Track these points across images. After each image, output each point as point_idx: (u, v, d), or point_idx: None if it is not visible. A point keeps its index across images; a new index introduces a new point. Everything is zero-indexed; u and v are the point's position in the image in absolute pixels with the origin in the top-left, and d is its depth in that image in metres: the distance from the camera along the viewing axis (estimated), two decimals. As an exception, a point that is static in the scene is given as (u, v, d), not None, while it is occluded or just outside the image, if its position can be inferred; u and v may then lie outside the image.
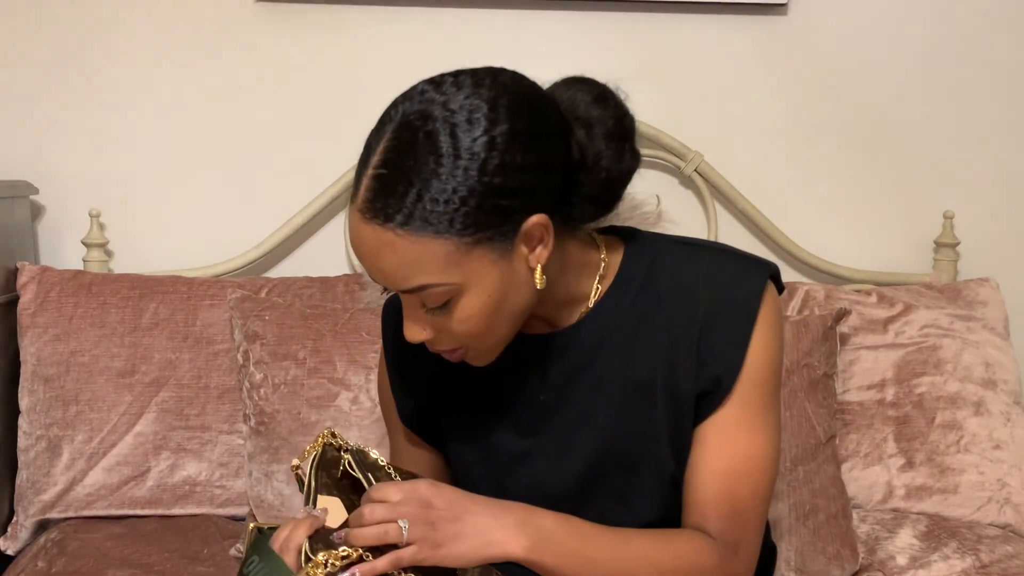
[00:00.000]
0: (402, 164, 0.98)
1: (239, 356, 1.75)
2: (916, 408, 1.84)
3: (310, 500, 1.05)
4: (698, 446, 1.12)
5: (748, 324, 1.10)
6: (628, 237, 1.17)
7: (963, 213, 2.04)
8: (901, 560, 1.68)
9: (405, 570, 1.00)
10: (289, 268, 2.01)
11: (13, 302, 1.80)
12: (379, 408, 1.69)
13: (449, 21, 1.97)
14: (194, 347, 1.79)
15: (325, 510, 1.03)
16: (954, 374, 1.85)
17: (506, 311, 1.04)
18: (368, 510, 1.00)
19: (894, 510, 1.81)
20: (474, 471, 1.20)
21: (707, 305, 1.11)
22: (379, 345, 1.71)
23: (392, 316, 1.24)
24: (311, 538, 1.00)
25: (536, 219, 1.02)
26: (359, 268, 1.94)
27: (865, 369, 1.86)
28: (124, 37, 1.95)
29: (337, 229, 2.00)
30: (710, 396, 1.11)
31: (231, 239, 1.97)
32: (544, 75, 2.05)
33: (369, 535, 0.98)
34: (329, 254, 2.01)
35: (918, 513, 1.80)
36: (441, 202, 0.97)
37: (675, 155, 1.97)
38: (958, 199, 2.05)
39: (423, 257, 0.99)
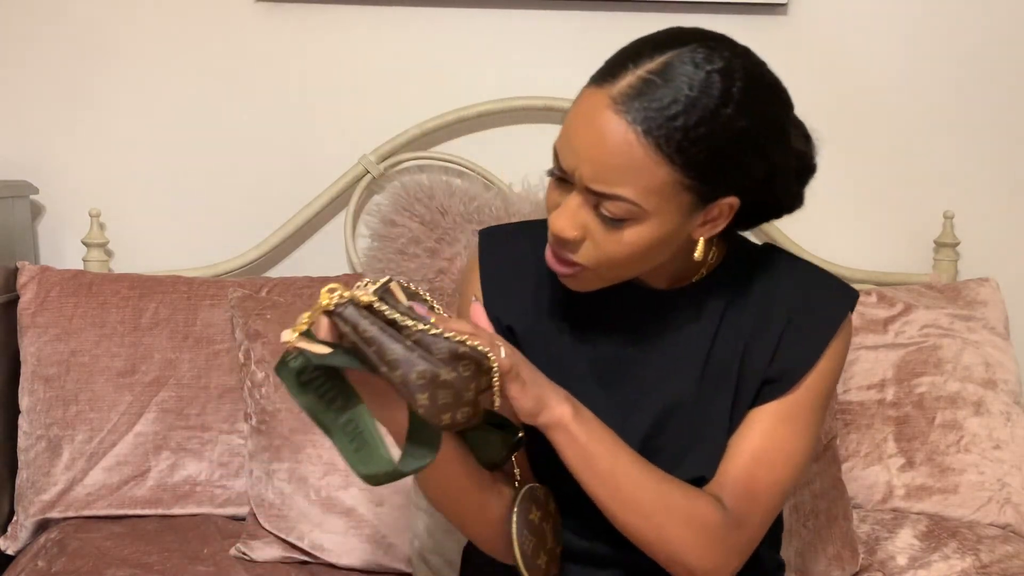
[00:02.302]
0: (678, 84, 1.01)
1: (240, 355, 1.75)
2: (916, 408, 1.84)
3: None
4: (742, 425, 1.18)
5: (828, 335, 1.17)
6: (732, 237, 1.23)
7: (963, 213, 2.04)
8: (901, 560, 1.68)
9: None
10: (289, 268, 2.01)
11: (13, 302, 1.80)
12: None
13: (449, 21, 1.97)
14: (194, 347, 1.79)
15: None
16: (954, 374, 1.85)
17: (651, 256, 1.09)
18: (471, 325, 1.04)
19: (894, 510, 1.81)
20: None
21: (797, 304, 1.18)
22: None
23: (495, 243, 1.26)
24: (378, 289, 1.00)
25: (733, 200, 1.08)
26: (359, 268, 1.94)
27: (865, 369, 1.86)
28: (124, 37, 1.95)
29: (337, 229, 2.00)
30: (772, 385, 1.17)
31: (231, 239, 1.97)
32: (545, 75, 2.07)
33: (483, 337, 1.01)
34: (329, 254, 2.01)
35: (918, 513, 1.80)
36: (693, 138, 1.01)
37: (675, 155, 1.97)
38: (958, 199, 2.06)
39: (643, 172, 1.02)
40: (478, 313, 1.11)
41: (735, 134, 1.03)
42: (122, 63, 1.96)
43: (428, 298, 1.08)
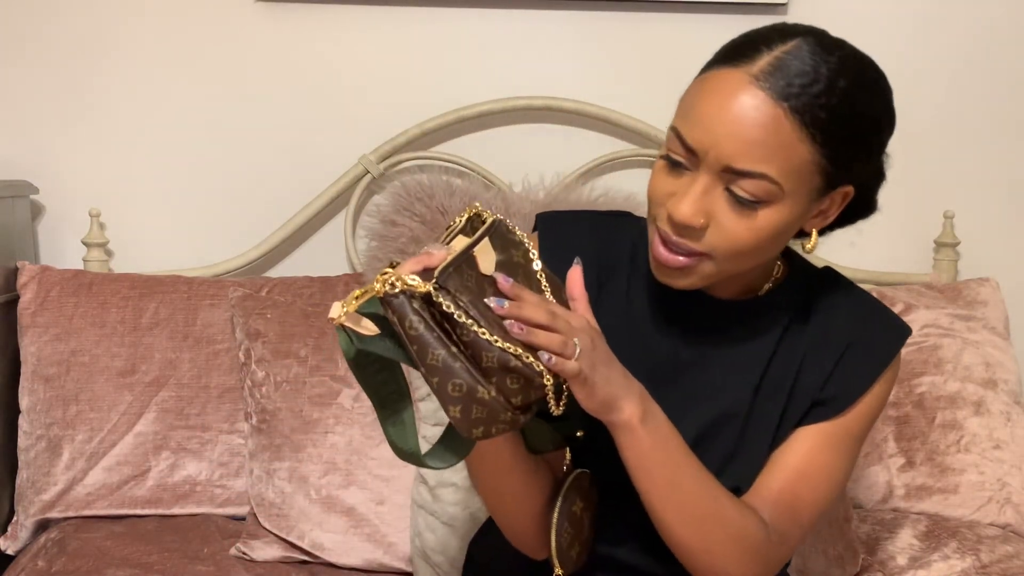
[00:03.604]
0: (816, 64, 1.02)
1: (240, 354, 1.75)
2: (916, 408, 1.84)
3: (445, 239, 1.00)
4: (787, 442, 1.18)
5: (880, 367, 1.19)
6: (793, 255, 1.24)
7: (963, 213, 2.04)
8: (901, 560, 1.68)
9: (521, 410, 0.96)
10: (289, 268, 2.01)
11: (13, 302, 1.80)
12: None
13: (449, 21, 1.97)
14: (194, 347, 1.79)
15: (451, 248, 0.97)
16: (954, 374, 1.85)
17: (773, 245, 1.09)
18: (549, 314, 0.97)
19: (894, 510, 1.81)
20: None
21: (855, 332, 1.19)
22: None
23: (554, 228, 1.23)
24: (447, 269, 0.93)
25: (849, 189, 1.10)
26: (359, 267, 1.93)
27: (865, 369, 1.86)
28: (124, 37, 1.95)
29: (337, 229, 2.00)
30: (822, 406, 1.18)
31: (231, 239, 1.97)
32: (544, 75, 2.07)
33: (552, 340, 0.96)
34: (329, 254, 2.01)
35: (918, 513, 1.80)
36: (834, 116, 1.02)
37: (675, 155, 1.97)
38: (958, 199, 2.05)
39: (787, 150, 1.02)
40: (576, 278, 1.05)
41: (867, 118, 1.07)
42: (122, 63, 1.95)
43: (532, 255, 1.03)
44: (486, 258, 0.98)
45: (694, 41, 2.00)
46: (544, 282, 1.04)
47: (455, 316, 0.92)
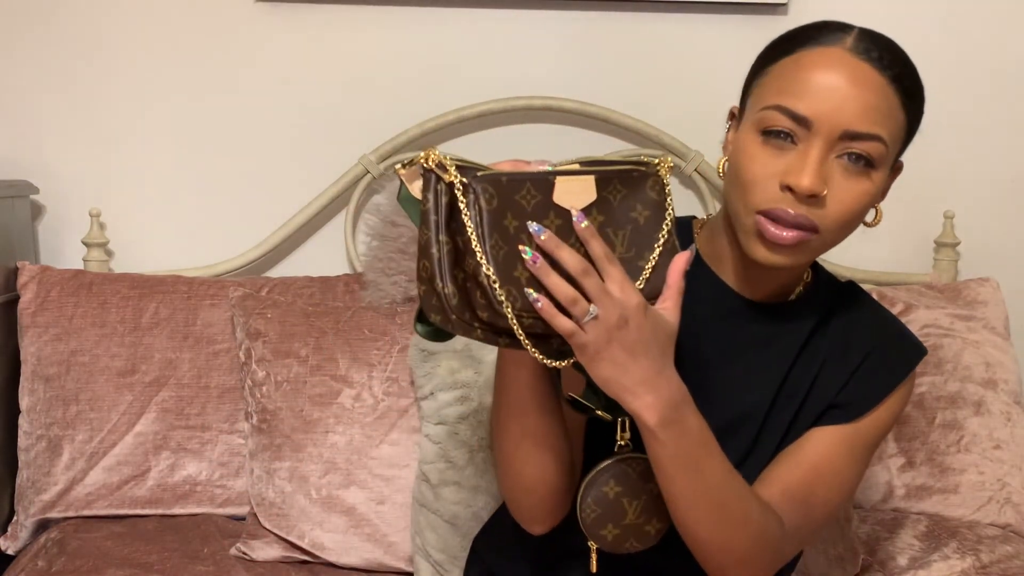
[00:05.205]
0: (889, 45, 1.10)
1: (241, 354, 1.75)
2: (916, 408, 1.84)
3: (568, 163, 1.00)
4: (802, 439, 1.19)
5: (897, 378, 1.21)
6: (818, 266, 1.26)
7: (963, 213, 2.04)
8: (901, 560, 1.68)
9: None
10: (289, 268, 2.01)
11: (13, 302, 1.80)
12: (381, 405, 1.69)
13: (449, 21, 1.97)
14: (194, 347, 1.79)
15: (544, 165, 0.98)
16: (954, 374, 1.85)
17: (860, 219, 1.13)
18: (582, 267, 0.93)
19: (894, 510, 1.81)
20: None
21: (876, 343, 1.22)
22: (381, 343, 1.72)
23: None
24: (498, 177, 0.94)
25: (901, 164, 1.16)
26: (359, 268, 1.94)
27: (865, 369, 1.86)
28: (124, 37, 1.95)
29: (337, 229, 2.00)
30: (838, 410, 1.19)
31: (231, 239, 1.97)
32: (544, 75, 2.07)
33: (560, 289, 0.92)
34: (329, 254, 2.01)
35: (918, 513, 1.80)
36: (918, 90, 1.11)
37: (675, 155, 1.97)
38: (958, 199, 2.05)
39: (892, 115, 1.08)
40: (677, 266, 1.00)
41: (923, 98, 1.13)
42: (122, 63, 1.96)
43: (666, 225, 1.00)
44: (575, 193, 0.97)
45: (694, 41, 2.01)
46: (654, 255, 1.01)
47: (462, 214, 0.93)
